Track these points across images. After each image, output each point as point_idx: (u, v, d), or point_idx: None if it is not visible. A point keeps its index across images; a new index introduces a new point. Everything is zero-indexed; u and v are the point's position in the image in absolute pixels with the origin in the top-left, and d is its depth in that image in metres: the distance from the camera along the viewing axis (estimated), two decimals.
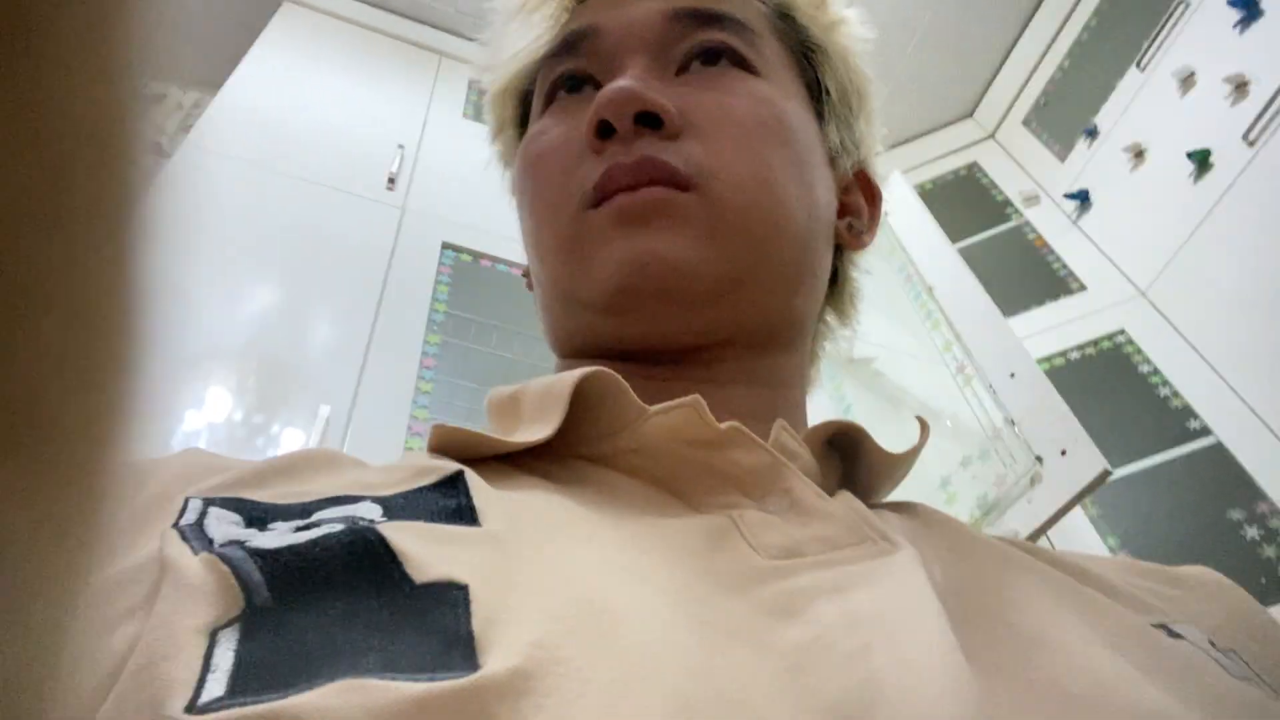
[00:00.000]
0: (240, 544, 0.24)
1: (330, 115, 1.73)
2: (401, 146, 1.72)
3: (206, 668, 0.21)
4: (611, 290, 0.39)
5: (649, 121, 0.40)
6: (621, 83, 0.40)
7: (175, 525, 0.26)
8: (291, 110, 1.70)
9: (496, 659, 0.21)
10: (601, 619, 0.23)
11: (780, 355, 0.43)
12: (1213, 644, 0.33)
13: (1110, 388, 1.71)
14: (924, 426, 0.39)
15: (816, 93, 0.48)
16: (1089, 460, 1.13)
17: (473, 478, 0.30)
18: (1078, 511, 1.42)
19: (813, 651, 0.24)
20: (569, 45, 0.46)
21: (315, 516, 0.27)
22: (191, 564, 0.23)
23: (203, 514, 0.27)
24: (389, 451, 1.23)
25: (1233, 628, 0.35)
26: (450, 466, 0.31)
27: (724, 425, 0.34)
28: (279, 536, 0.25)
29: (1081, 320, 1.85)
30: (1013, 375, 1.31)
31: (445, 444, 0.35)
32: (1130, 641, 0.30)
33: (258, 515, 0.27)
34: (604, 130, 0.40)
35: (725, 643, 0.24)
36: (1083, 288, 1.90)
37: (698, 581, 0.27)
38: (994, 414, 1.30)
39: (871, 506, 0.37)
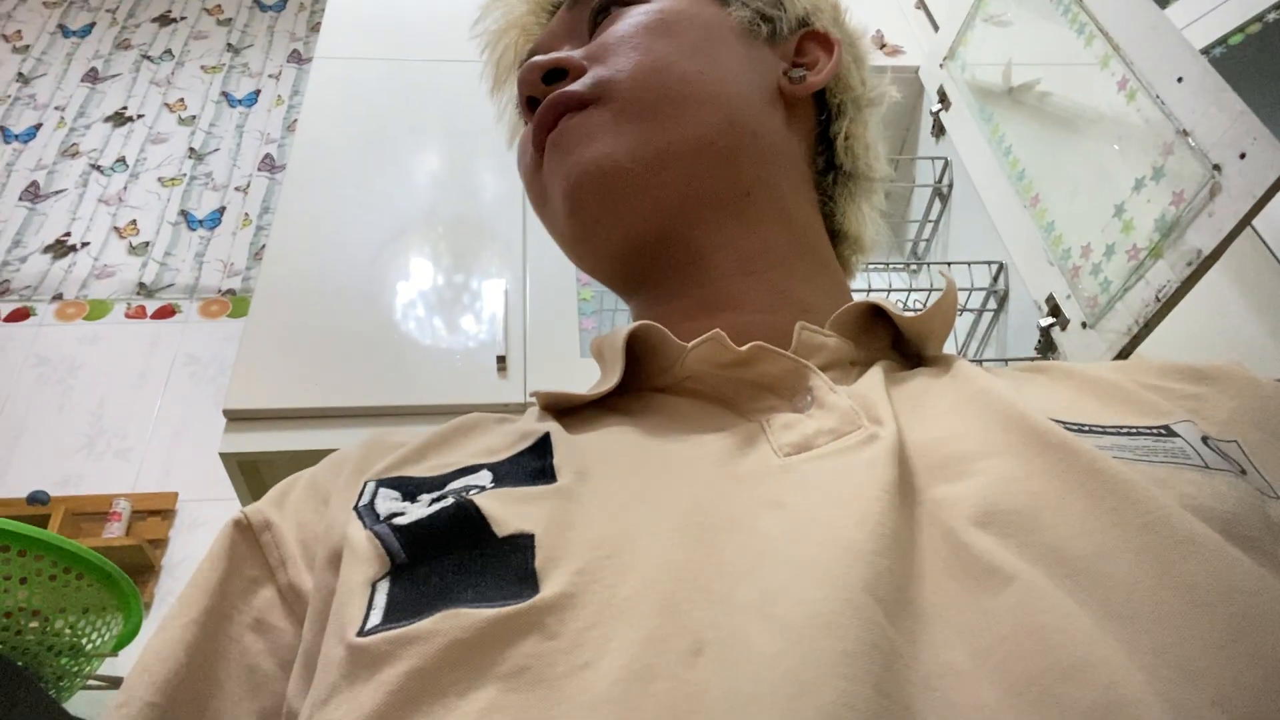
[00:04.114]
0: (390, 521, 0.34)
1: None
2: None
3: (370, 606, 0.31)
4: (567, 214, 0.46)
5: (557, 76, 0.47)
6: (527, 62, 0.48)
7: (355, 508, 0.37)
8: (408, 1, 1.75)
9: (550, 586, 0.29)
10: (626, 545, 0.31)
11: (766, 227, 0.47)
12: (1205, 439, 0.34)
13: None
14: (949, 284, 0.41)
15: None
16: (1271, 158, 1.04)
17: (557, 436, 0.39)
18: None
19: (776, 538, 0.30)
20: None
21: (447, 488, 0.37)
22: (360, 538, 0.34)
23: (374, 494, 0.37)
24: (565, 302, 1.33)
25: (1242, 418, 0.36)
26: (541, 430, 0.40)
27: (746, 347, 0.40)
28: (418, 509, 0.35)
29: None
30: (1180, 80, 1.20)
31: (549, 402, 0.44)
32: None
33: (410, 489, 0.38)
34: (532, 104, 0.48)
35: (716, 538, 0.31)
36: None
37: (716, 487, 0.34)
38: (1164, 128, 1.21)
39: (917, 363, 0.44)
